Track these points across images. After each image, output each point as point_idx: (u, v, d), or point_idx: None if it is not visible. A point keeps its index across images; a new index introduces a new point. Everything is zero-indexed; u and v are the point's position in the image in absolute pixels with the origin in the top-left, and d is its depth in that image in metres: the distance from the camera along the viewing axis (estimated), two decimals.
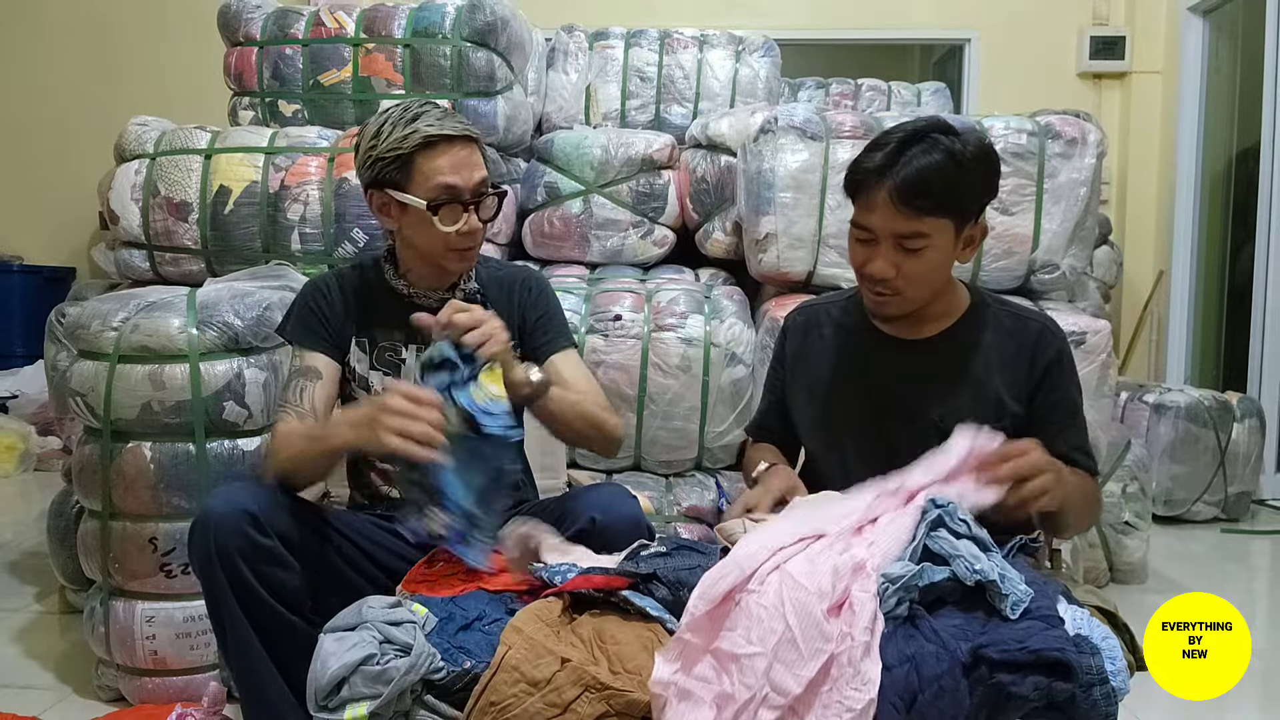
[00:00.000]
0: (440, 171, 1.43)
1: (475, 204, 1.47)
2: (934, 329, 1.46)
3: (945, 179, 1.30)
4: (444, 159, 1.43)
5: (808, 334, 1.58)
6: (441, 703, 1.10)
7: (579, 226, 2.81)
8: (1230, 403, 3.58)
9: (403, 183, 1.45)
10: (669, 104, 3.48)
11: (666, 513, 2.27)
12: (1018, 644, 0.98)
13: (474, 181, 1.46)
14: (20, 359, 4.88)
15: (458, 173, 1.44)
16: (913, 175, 1.30)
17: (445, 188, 1.43)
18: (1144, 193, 5.07)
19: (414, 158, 1.43)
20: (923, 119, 1.39)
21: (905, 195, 1.30)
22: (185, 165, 2.40)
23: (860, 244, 1.39)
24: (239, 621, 1.29)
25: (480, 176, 1.47)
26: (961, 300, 1.47)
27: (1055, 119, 2.48)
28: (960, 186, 1.33)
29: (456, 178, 1.44)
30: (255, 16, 2.80)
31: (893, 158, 1.31)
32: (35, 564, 2.74)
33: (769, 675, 0.98)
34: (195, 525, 1.31)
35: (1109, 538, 2.77)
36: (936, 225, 1.32)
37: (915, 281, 1.36)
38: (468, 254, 1.50)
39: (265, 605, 1.29)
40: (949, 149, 1.31)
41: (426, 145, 1.43)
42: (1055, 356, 1.42)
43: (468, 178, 1.45)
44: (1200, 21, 4.80)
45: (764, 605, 1.02)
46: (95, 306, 1.92)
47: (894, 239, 1.33)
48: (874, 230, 1.34)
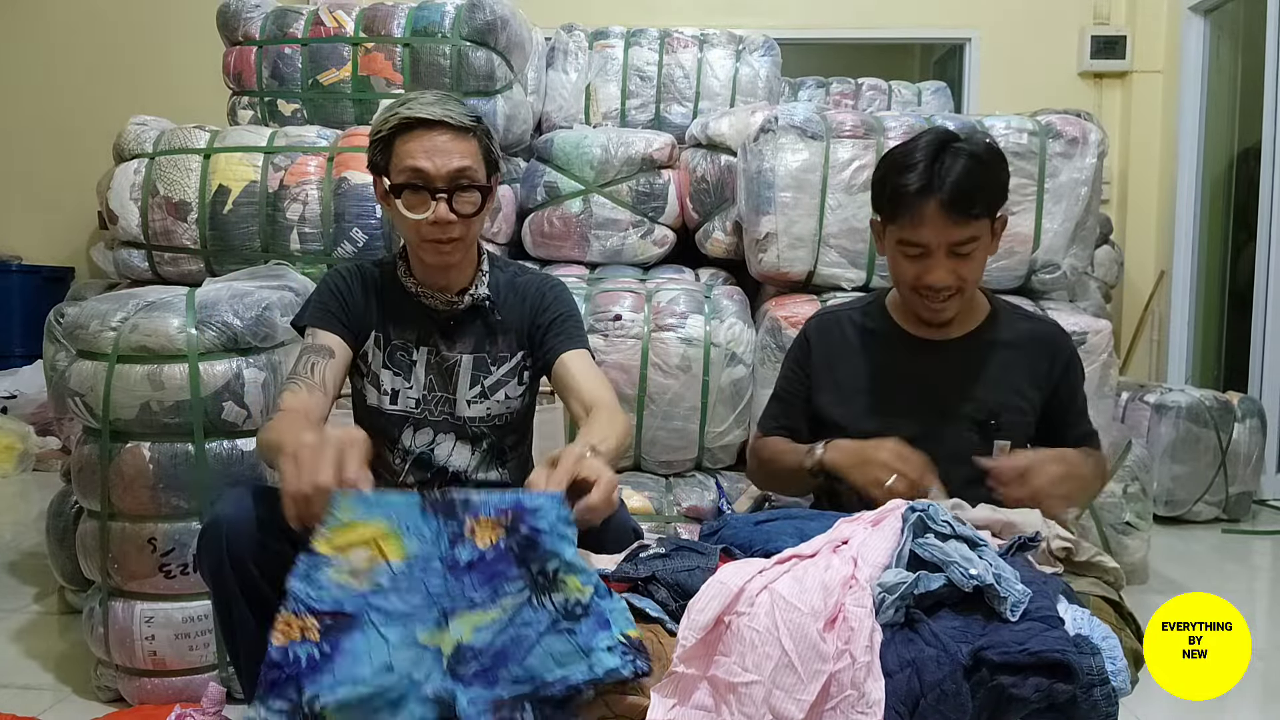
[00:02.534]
0: (410, 155, 1.41)
1: (448, 194, 1.42)
2: (959, 330, 1.55)
3: (981, 181, 1.40)
4: (416, 143, 1.41)
5: (830, 338, 1.62)
6: None
7: (579, 226, 2.80)
8: (1231, 403, 3.57)
9: (384, 166, 1.44)
10: (669, 103, 3.48)
11: (666, 513, 2.27)
12: (1018, 646, 0.97)
13: (447, 169, 1.41)
14: (19, 359, 4.87)
15: (429, 158, 1.41)
16: (957, 185, 1.37)
17: (411, 170, 1.41)
18: (1145, 192, 5.07)
19: (392, 140, 1.43)
20: (926, 130, 1.49)
21: (956, 205, 1.38)
22: (184, 165, 2.40)
23: (911, 260, 1.45)
24: (250, 628, 1.28)
25: (457, 165, 1.42)
26: (981, 303, 1.58)
27: (1056, 118, 2.47)
28: (993, 185, 1.43)
29: (426, 162, 1.40)
30: (254, 16, 2.80)
31: (929, 173, 1.39)
32: (34, 564, 2.73)
33: (769, 703, 0.97)
34: (206, 531, 1.30)
35: (1110, 538, 2.77)
36: (982, 226, 1.42)
37: (970, 282, 1.46)
38: (442, 247, 1.46)
39: (275, 610, 1.28)
40: (972, 153, 1.40)
41: (403, 128, 1.41)
42: (1070, 356, 1.56)
43: (440, 164, 1.41)
44: (1201, 21, 4.79)
45: (756, 629, 1.00)
46: (94, 306, 1.92)
47: (948, 247, 1.41)
48: (927, 244, 1.42)
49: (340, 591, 1.03)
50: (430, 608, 1.04)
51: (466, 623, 1.04)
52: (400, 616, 1.04)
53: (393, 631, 1.03)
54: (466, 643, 1.03)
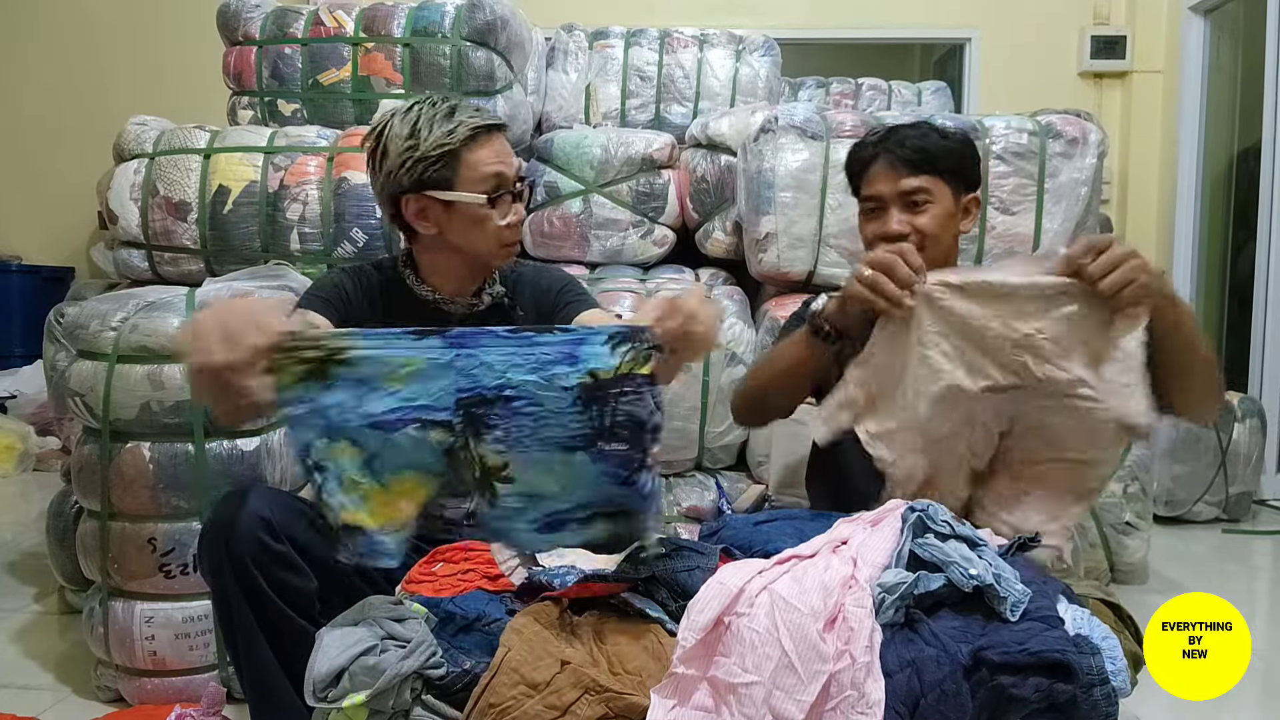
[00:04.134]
0: (487, 162, 1.40)
1: (519, 193, 1.45)
2: None
3: (934, 144, 1.51)
4: (488, 149, 1.41)
5: None
6: (441, 703, 1.09)
7: (579, 226, 2.80)
8: (1231, 403, 3.57)
9: (450, 180, 1.40)
10: (669, 103, 3.48)
11: (666, 513, 2.27)
12: (1018, 646, 0.97)
13: (516, 170, 1.44)
14: (19, 359, 4.88)
15: (503, 161, 1.42)
16: (905, 141, 1.50)
17: (496, 177, 1.41)
18: (1145, 192, 5.07)
19: (460, 152, 1.39)
20: (909, 121, 1.59)
21: (905, 156, 1.49)
22: (184, 165, 2.40)
23: (870, 218, 1.54)
24: (251, 628, 1.27)
25: (519, 164, 1.46)
26: None
27: (1056, 118, 2.47)
28: (948, 151, 1.51)
29: (504, 167, 1.42)
30: (254, 16, 2.80)
31: (886, 136, 1.53)
32: (34, 564, 2.73)
33: (769, 703, 0.96)
34: (207, 531, 1.29)
35: (1110, 538, 2.77)
36: (934, 183, 1.49)
37: (928, 237, 1.48)
38: (514, 247, 1.48)
39: (278, 611, 1.27)
40: (934, 127, 1.55)
41: (473, 138, 1.40)
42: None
43: (510, 166, 1.43)
44: (1201, 21, 4.79)
45: (756, 630, 1.00)
46: (94, 306, 1.92)
47: (900, 198, 1.49)
48: (881, 196, 1.51)
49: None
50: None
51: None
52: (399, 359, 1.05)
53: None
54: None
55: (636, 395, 1.02)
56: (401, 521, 1.10)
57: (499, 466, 1.07)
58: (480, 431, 1.06)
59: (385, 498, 1.08)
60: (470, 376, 1.05)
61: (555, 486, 1.09)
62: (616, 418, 1.03)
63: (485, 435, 1.06)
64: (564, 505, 1.10)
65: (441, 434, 1.07)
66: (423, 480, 1.10)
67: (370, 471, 1.07)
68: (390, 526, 1.08)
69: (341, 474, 1.05)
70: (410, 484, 1.09)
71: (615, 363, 1.02)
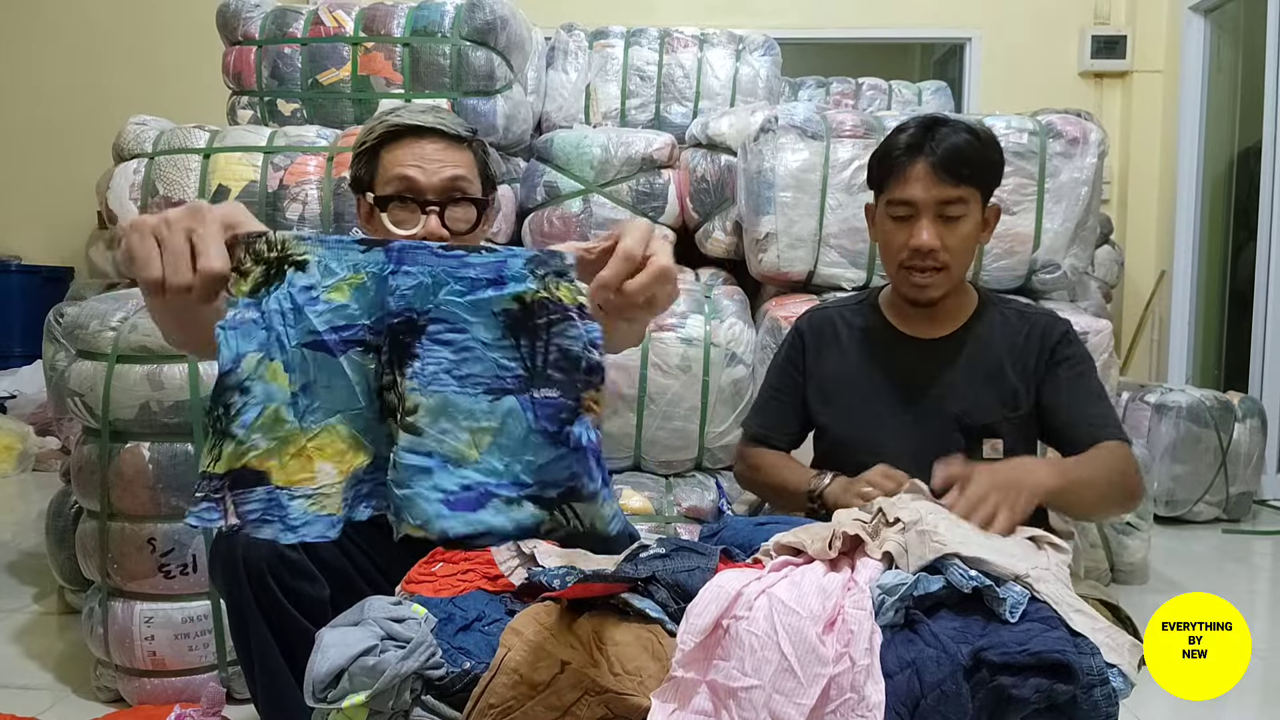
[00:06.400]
0: (398, 163, 1.31)
1: (440, 207, 1.30)
2: (949, 328, 1.53)
3: (975, 151, 1.42)
4: (405, 150, 1.31)
5: (823, 336, 1.61)
6: (441, 703, 1.09)
7: (579, 226, 2.80)
8: (1232, 403, 3.57)
9: (370, 180, 1.34)
10: (669, 103, 3.47)
11: (666, 513, 2.27)
12: (1018, 646, 0.97)
13: (439, 179, 1.31)
14: (18, 359, 4.88)
15: (419, 166, 1.30)
16: (949, 146, 1.40)
17: (400, 180, 1.31)
18: (1145, 192, 5.07)
19: (379, 151, 1.34)
20: (927, 115, 1.49)
21: (946, 164, 1.40)
22: (184, 164, 2.40)
23: (898, 223, 1.45)
24: (266, 639, 1.25)
25: (451, 175, 1.31)
26: (971, 299, 1.55)
27: (1056, 118, 2.47)
28: (984, 159, 1.45)
29: (416, 171, 1.30)
30: (254, 15, 2.80)
31: (922, 136, 1.42)
32: (34, 564, 2.73)
33: (769, 707, 0.96)
34: (220, 539, 1.26)
35: (1110, 538, 2.77)
36: (971, 194, 1.43)
37: (956, 254, 1.44)
38: None
39: (291, 620, 1.25)
40: (970, 128, 1.44)
41: (391, 136, 1.32)
42: (1059, 341, 1.49)
43: (431, 173, 1.30)
44: (1201, 20, 4.79)
45: (755, 633, 1.00)
46: (93, 306, 1.92)
47: (936, 207, 1.42)
48: (915, 202, 1.42)
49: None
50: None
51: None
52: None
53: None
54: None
55: (565, 323, 0.87)
56: (315, 486, 0.89)
57: (411, 409, 0.88)
58: (404, 365, 0.89)
59: (303, 448, 0.89)
60: (403, 298, 0.89)
61: (471, 448, 0.89)
62: (549, 355, 0.88)
63: (406, 369, 0.89)
64: (481, 474, 0.89)
65: (375, 362, 0.90)
66: (351, 441, 0.91)
67: (295, 410, 0.89)
68: (300, 490, 0.89)
69: (267, 403, 0.87)
70: (335, 438, 0.91)
71: (534, 286, 0.87)
